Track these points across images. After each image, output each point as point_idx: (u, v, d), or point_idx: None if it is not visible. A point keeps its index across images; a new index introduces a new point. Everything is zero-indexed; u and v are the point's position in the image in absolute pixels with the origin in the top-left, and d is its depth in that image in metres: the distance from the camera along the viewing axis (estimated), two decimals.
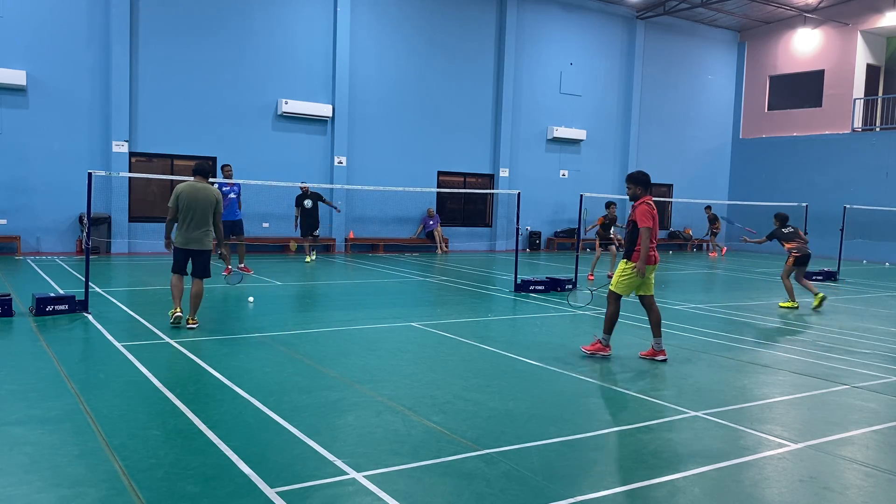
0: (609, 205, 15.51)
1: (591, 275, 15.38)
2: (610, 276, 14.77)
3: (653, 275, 7.78)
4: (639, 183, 7.72)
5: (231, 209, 13.56)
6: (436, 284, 14.06)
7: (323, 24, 19.98)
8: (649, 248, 7.51)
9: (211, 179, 13.22)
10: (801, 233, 12.59)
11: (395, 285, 13.79)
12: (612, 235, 15.61)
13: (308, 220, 16.93)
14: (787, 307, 12.14)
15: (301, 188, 16.55)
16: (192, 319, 8.51)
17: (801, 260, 12.26)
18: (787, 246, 12.35)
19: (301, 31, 19.75)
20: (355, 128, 20.69)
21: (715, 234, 24.88)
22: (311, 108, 19.62)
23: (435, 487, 4.16)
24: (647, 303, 7.81)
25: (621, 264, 7.75)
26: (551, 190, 24.07)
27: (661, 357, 7.65)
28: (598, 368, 7.25)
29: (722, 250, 25.23)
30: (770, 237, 12.66)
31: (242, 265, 14.10)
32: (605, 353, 7.71)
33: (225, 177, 13.69)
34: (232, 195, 13.55)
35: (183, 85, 18.24)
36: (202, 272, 8.60)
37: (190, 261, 8.58)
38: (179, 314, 8.47)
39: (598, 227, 15.63)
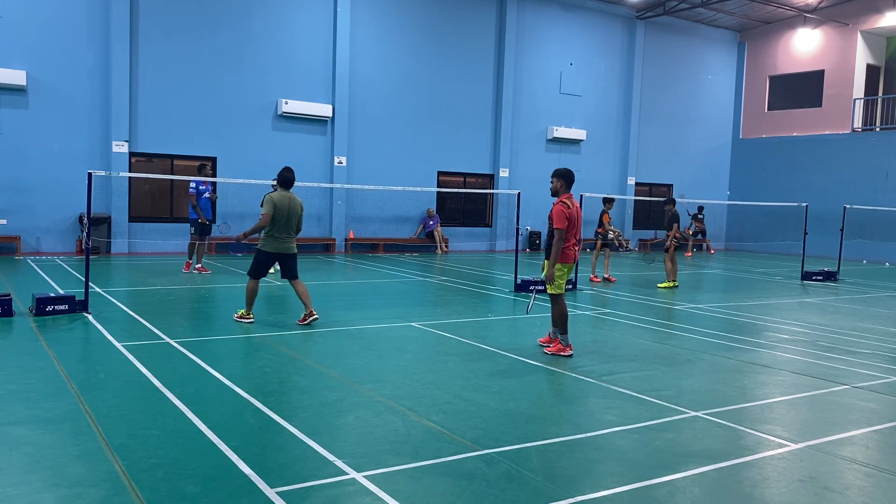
0: (607, 201, 15.44)
1: (612, 277, 15.17)
2: (604, 279, 14.91)
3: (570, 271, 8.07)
4: (562, 178, 7.81)
5: (205, 208, 14.04)
6: (436, 284, 14.06)
7: (323, 24, 19.98)
8: (566, 247, 7.70)
9: (192, 178, 13.38)
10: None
11: (395, 285, 13.78)
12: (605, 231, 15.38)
13: None
14: (667, 287, 14.06)
15: (272, 185, 14.33)
16: (312, 312, 8.98)
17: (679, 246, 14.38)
18: (676, 234, 14.01)
19: (301, 31, 19.75)
20: (355, 128, 20.68)
21: (695, 234, 24.64)
22: (311, 108, 19.61)
23: (435, 487, 4.16)
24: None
25: (544, 264, 7.93)
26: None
27: (550, 348, 7.85)
28: (597, 369, 7.25)
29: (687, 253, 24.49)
30: (677, 220, 14.20)
31: (199, 265, 14.32)
32: (567, 354, 7.68)
33: (204, 175, 13.92)
34: (206, 194, 14.05)
35: (183, 85, 18.23)
36: (295, 273, 9.13)
37: (278, 265, 9.13)
38: (252, 320, 8.95)
39: (607, 227, 15.34)
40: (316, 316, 9.01)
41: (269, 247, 8.95)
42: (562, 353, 7.64)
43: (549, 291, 7.83)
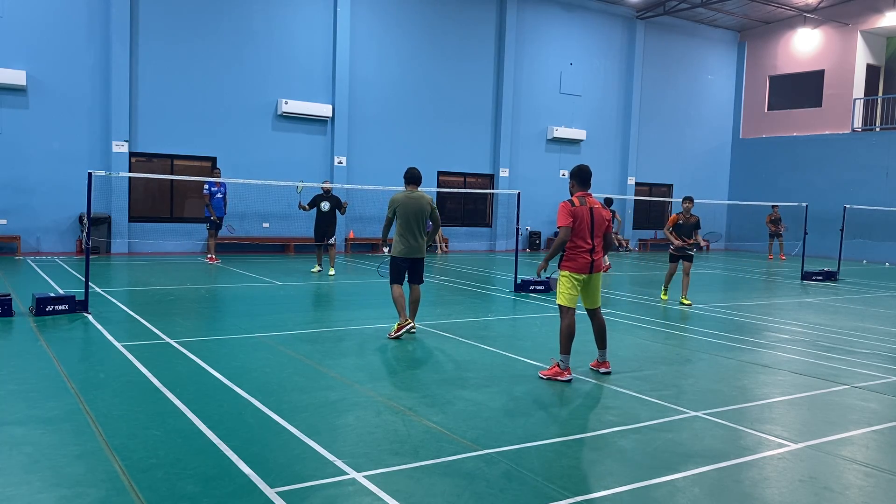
0: (685, 200, 12.51)
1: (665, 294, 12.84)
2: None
3: (597, 285, 6.91)
4: (573, 177, 6.90)
5: (219, 206, 15.98)
6: (436, 284, 14.05)
7: (323, 23, 19.98)
8: (575, 253, 6.67)
9: (206, 179, 14.54)
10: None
11: None
12: (689, 242, 12.27)
13: (323, 224, 14.89)
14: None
15: (322, 188, 14.93)
16: (413, 324, 8.50)
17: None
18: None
19: (301, 31, 19.74)
20: (355, 128, 20.68)
21: (779, 236, 23.61)
22: (311, 108, 19.61)
23: (435, 487, 4.16)
24: (591, 315, 7.05)
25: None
26: (551, 190, 24.06)
27: (604, 369, 7.01)
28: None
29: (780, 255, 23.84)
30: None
31: (211, 255, 16.47)
32: (564, 379, 6.66)
33: (214, 177, 15.71)
34: (219, 195, 15.90)
35: (183, 85, 18.23)
36: (420, 278, 8.67)
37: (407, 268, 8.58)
38: (410, 323, 8.39)
39: (670, 229, 12.41)
40: (410, 328, 8.40)
41: (399, 251, 8.41)
42: (558, 378, 6.65)
43: (557, 302, 6.91)
